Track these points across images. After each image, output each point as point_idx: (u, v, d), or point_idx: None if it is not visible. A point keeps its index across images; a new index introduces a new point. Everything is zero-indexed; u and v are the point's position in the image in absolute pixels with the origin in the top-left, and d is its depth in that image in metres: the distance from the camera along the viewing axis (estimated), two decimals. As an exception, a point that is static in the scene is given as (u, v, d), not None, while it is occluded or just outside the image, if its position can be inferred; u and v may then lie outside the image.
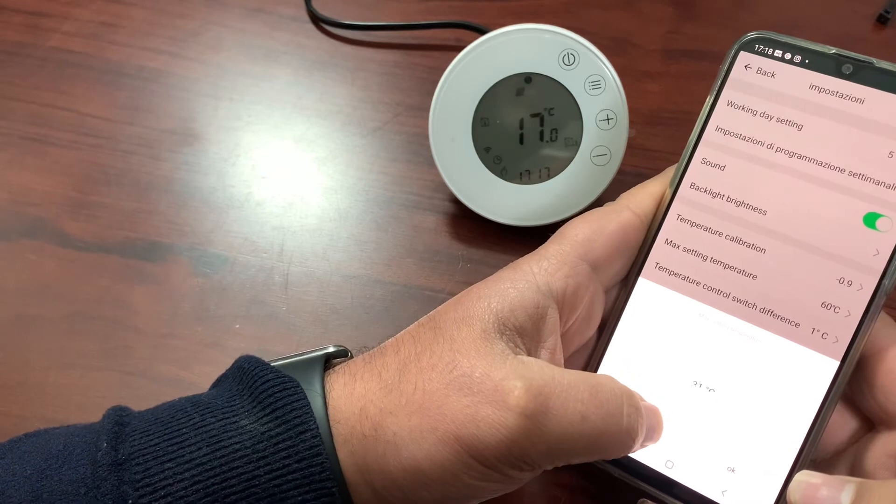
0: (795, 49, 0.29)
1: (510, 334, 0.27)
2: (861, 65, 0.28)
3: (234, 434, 0.25)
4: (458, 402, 0.25)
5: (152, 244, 0.40)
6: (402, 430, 0.25)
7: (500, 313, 0.27)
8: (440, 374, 0.26)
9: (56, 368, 0.36)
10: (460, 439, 0.25)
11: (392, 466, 0.25)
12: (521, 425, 0.25)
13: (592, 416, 0.26)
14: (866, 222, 0.28)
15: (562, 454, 0.26)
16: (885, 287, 0.27)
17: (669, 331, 0.30)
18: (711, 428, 0.29)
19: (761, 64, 0.30)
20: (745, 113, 0.30)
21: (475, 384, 0.25)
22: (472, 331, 0.26)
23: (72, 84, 0.47)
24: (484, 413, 0.25)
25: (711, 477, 0.28)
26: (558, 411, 0.25)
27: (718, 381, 0.29)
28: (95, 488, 0.24)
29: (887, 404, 0.27)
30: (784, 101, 0.29)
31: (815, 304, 0.28)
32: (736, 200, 0.29)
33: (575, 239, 0.29)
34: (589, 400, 0.26)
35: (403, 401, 0.26)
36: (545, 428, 0.25)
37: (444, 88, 0.37)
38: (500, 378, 0.25)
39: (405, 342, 0.28)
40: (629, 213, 0.30)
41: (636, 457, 0.29)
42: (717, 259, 0.29)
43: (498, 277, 0.28)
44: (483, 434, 0.25)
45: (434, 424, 0.25)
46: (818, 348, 0.28)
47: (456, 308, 0.28)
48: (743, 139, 0.30)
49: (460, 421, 0.25)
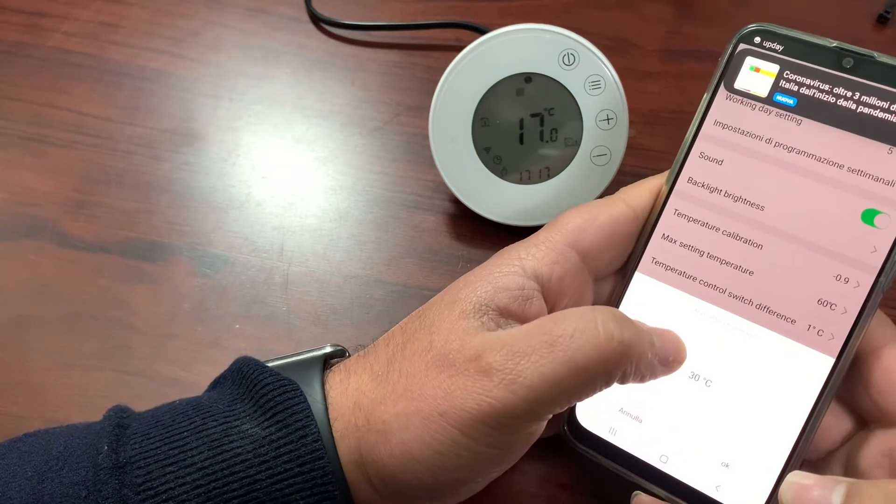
0: (795, 42, 0.29)
1: (492, 315, 0.27)
2: (862, 59, 0.28)
3: (235, 438, 0.25)
4: (436, 379, 0.25)
5: (152, 244, 0.40)
6: (389, 416, 0.25)
7: (483, 296, 0.27)
8: (420, 357, 0.26)
9: (56, 368, 0.36)
10: (444, 415, 0.25)
11: (384, 455, 0.25)
12: (494, 380, 0.24)
13: (560, 339, 0.25)
14: (864, 219, 0.27)
15: (547, 392, 0.24)
16: (882, 284, 0.27)
17: (666, 325, 0.30)
18: (706, 423, 0.29)
19: (761, 57, 0.29)
20: (744, 107, 0.29)
21: (449, 359, 0.26)
22: (451, 313, 0.27)
23: (72, 84, 0.47)
24: (460, 383, 0.25)
25: (706, 472, 0.28)
26: (524, 350, 0.25)
27: (714, 376, 0.29)
28: (96, 491, 0.24)
29: (882, 403, 0.27)
30: (783, 95, 0.29)
31: (811, 300, 0.28)
32: (733, 196, 0.29)
33: (566, 227, 0.29)
34: (553, 328, 0.25)
35: (390, 388, 0.26)
36: (517, 370, 0.24)
37: (444, 88, 0.37)
38: (471, 348, 0.25)
39: (395, 334, 0.28)
40: (623, 205, 0.30)
41: (631, 451, 0.29)
42: (714, 254, 0.29)
43: (487, 264, 0.29)
44: (464, 402, 0.25)
45: (418, 406, 0.25)
46: (814, 345, 0.28)
47: (443, 297, 0.28)
48: (741, 133, 0.29)
49: (440, 397, 0.25)
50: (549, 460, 0.33)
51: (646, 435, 0.29)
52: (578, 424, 0.30)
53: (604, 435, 0.30)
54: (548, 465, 0.33)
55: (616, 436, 0.30)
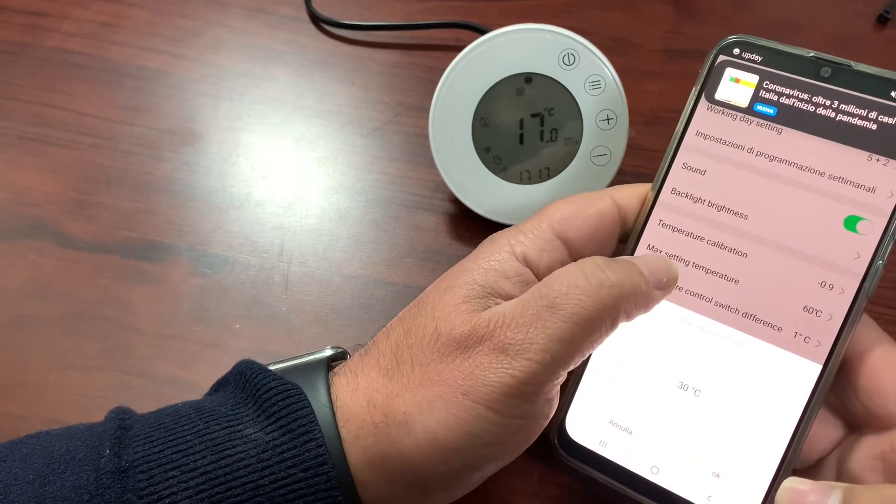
0: (774, 52, 0.29)
1: (491, 301, 0.27)
2: (840, 68, 0.28)
3: (238, 443, 0.25)
4: (453, 363, 0.26)
5: (152, 244, 0.40)
6: (410, 407, 0.26)
7: (485, 283, 0.28)
8: (429, 345, 0.27)
9: (56, 368, 0.36)
10: (467, 393, 0.25)
11: (407, 447, 0.25)
12: (507, 352, 0.25)
13: (557, 299, 0.26)
14: (847, 226, 0.28)
15: (561, 349, 0.26)
16: (866, 290, 0.27)
17: (652, 336, 0.30)
18: (696, 433, 0.29)
19: (740, 67, 0.30)
20: (725, 117, 0.30)
21: (462, 343, 0.26)
22: (454, 298, 0.27)
23: (72, 84, 0.47)
24: (479, 362, 0.25)
25: (697, 482, 0.28)
26: (528, 317, 0.26)
27: (702, 386, 0.29)
28: (99, 495, 0.24)
29: (871, 406, 0.27)
30: (764, 105, 0.29)
31: (797, 308, 0.28)
32: (717, 205, 0.29)
33: (552, 217, 0.30)
34: (547, 291, 0.26)
35: (405, 380, 0.26)
36: (527, 339, 0.25)
37: (444, 88, 0.37)
38: (481, 328, 0.26)
39: (394, 326, 0.28)
40: (610, 201, 0.30)
41: (622, 463, 0.29)
42: (699, 264, 0.29)
43: (478, 253, 0.29)
44: (485, 379, 0.25)
45: (439, 391, 0.26)
46: (801, 352, 0.28)
47: (439, 284, 0.28)
48: (723, 144, 0.30)
49: (461, 379, 0.25)
50: (550, 460, 0.33)
51: (636, 446, 0.29)
52: (569, 438, 0.30)
53: (594, 448, 0.30)
54: (548, 465, 0.33)
55: (606, 448, 0.29)
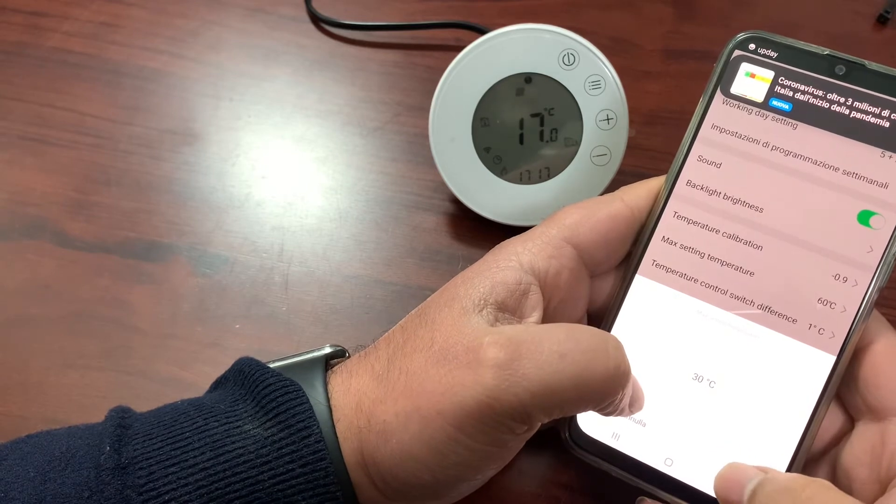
0: (789, 49, 0.30)
1: (490, 310, 0.27)
2: (853, 66, 0.29)
3: (237, 439, 0.25)
4: (436, 374, 0.25)
5: (152, 244, 0.40)
6: (390, 416, 0.25)
7: (482, 291, 0.27)
8: (421, 354, 0.26)
9: (56, 368, 0.36)
10: (442, 413, 0.25)
11: (384, 455, 0.25)
12: (497, 376, 0.24)
13: (571, 353, 0.25)
14: (860, 220, 0.28)
15: (546, 400, 0.25)
16: (879, 283, 0.28)
17: (667, 328, 0.30)
18: (710, 425, 0.29)
19: (756, 63, 0.30)
20: (741, 111, 0.30)
21: (450, 354, 0.25)
22: (452, 310, 0.27)
23: (72, 84, 0.47)
24: (460, 377, 0.25)
25: (711, 474, 0.28)
26: (532, 354, 0.25)
27: (717, 377, 0.29)
28: (99, 492, 0.24)
29: (868, 397, 0.27)
30: (779, 100, 0.29)
31: (811, 300, 0.28)
32: (732, 198, 0.30)
33: (563, 223, 0.29)
34: (565, 340, 0.25)
35: (391, 387, 0.26)
36: (521, 373, 0.24)
37: (444, 88, 0.37)
38: (471, 341, 0.25)
39: (395, 333, 0.28)
40: (621, 203, 0.30)
41: (635, 455, 0.29)
42: (715, 256, 0.30)
43: (484, 260, 0.29)
44: (462, 398, 0.24)
45: (418, 403, 0.25)
46: (815, 343, 0.28)
47: (442, 293, 0.28)
48: (738, 137, 0.30)
49: (440, 392, 0.25)
50: (550, 460, 0.33)
51: (650, 438, 0.29)
52: (580, 431, 0.30)
53: (607, 440, 0.30)
54: (548, 465, 0.33)
55: (619, 441, 0.29)
